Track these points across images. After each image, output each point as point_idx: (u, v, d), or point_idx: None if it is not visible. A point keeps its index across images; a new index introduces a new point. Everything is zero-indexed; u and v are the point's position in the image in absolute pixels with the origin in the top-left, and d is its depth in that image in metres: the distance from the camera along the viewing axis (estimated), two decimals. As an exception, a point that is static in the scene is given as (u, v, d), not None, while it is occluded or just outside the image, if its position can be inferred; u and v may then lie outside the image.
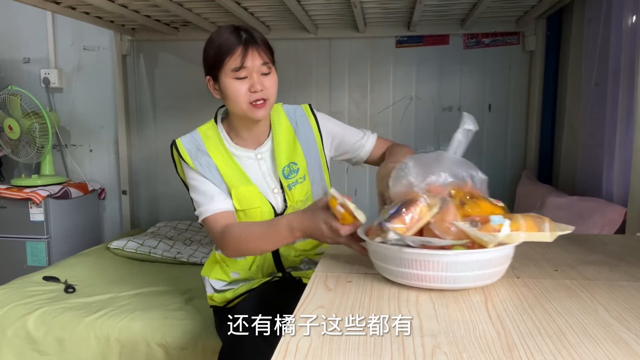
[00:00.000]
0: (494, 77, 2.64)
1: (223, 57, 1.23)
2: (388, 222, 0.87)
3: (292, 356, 0.63)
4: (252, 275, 1.42)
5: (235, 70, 1.22)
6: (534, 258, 1.04)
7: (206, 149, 1.33)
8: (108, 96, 2.90)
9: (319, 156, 1.40)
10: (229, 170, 1.32)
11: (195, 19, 2.38)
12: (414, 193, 0.90)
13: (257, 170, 1.36)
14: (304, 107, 1.44)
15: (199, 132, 1.37)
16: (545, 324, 0.72)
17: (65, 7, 2.17)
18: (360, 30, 2.60)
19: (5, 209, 2.56)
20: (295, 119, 1.40)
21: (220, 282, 1.43)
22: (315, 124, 1.41)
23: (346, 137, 1.44)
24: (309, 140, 1.39)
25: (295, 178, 1.35)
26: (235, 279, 1.42)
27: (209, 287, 1.46)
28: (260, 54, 1.24)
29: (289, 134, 1.38)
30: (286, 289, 1.35)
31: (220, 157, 1.33)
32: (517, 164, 2.67)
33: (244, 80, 1.24)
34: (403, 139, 2.74)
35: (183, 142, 1.35)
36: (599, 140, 1.94)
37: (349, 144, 1.44)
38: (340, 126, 1.46)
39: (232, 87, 1.24)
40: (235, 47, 1.22)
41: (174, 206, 2.92)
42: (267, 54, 1.26)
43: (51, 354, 1.70)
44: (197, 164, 1.32)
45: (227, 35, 1.24)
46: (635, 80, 1.61)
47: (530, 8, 2.29)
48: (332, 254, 1.13)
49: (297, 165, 1.36)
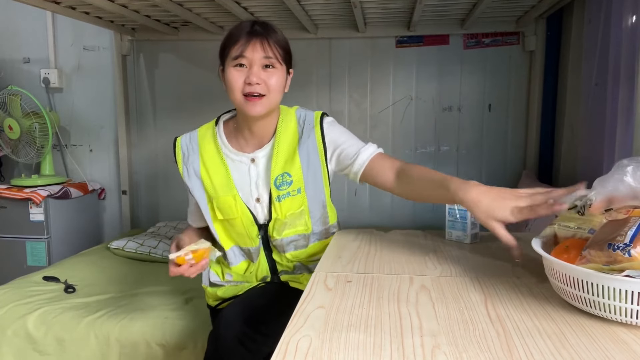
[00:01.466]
0: (494, 77, 2.64)
1: (228, 45, 1.23)
2: (634, 247, 0.66)
3: (292, 356, 0.63)
4: (244, 279, 1.42)
5: (235, 58, 1.21)
6: (534, 258, 1.04)
7: (199, 148, 1.34)
8: (108, 96, 2.90)
9: (321, 169, 1.32)
10: (214, 176, 1.31)
11: (195, 19, 2.38)
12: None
13: (246, 175, 1.31)
14: (315, 115, 1.35)
15: (197, 132, 1.38)
16: (545, 324, 0.72)
17: (65, 7, 2.17)
18: (360, 30, 2.60)
19: (5, 209, 2.56)
20: (303, 127, 1.33)
21: (217, 276, 1.44)
22: (320, 135, 1.31)
23: (348, 148, 1.30)
24: (310, 152, 1.30)
25: (287, 190, 1.29)
26: (229, 280, 1.43)
27: (205, 279, 1.47)
28: (264, 46, 1.20)
29: (292, 142, 1.31)
30: (272, 294, 1.35)
31: (210, 158, 1.32)
32: (517, 164, 2.67)
33: (243, 71, 1.22)
34: (403, 139, 2.74)
35: (182, 142, 1.37)
36: (599, 140, 1.94)
37: (349, 156, 1.30)
38: (345, 135, 1.33)
39: (229, 76, 1.23)
40: (241, 36, 1.21)
41: (174, 206, 2.93)
42: (274, 49, 1.21)
43: (51, 354, 1.70)
44: (185, 170, 1.34)
45: (240, 26, 1.24)
46: (635, 80, 1.61)
47: (530, 8, 2.29)
48: (332, 254, 1.13)
49: (292, 177, 1.29)
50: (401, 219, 2.77)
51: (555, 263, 0.77)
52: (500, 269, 1.01)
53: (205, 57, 2.79)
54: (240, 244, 1.37)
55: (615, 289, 0.68)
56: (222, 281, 1.43)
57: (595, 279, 0.70)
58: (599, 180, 0.78)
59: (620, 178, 0.73)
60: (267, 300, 1.31)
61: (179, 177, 1.38)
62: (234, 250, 1.38)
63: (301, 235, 1.36)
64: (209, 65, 2.77)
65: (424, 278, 0.95)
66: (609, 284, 0.69)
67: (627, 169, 0.73)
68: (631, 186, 0.72)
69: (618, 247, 0.68)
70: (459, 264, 1.05)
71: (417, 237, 1.30)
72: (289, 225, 1.33)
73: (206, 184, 1.31)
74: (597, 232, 0.77)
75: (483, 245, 1.21)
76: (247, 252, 1.38)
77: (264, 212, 1.32)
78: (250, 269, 1.40)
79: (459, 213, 1.24)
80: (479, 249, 1.18)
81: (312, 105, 2.76)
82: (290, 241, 1.36)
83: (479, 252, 1.15)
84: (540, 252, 0.81)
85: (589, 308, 0.73)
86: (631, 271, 0.67)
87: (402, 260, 1.08)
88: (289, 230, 1.33)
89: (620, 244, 0.68)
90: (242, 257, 1.40)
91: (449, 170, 2.72)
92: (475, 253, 1.14)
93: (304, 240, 1.37)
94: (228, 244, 1.37)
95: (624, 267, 0.67)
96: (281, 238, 1.34)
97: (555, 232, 0.87)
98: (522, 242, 0.95)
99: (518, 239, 0.92)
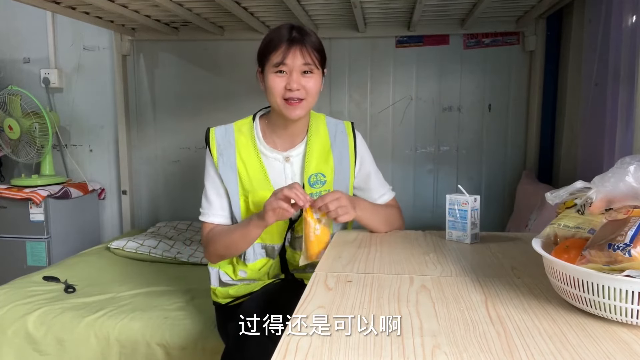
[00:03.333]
0: (494, 77, 2.64)
1: (269, 51, 1.28)
2: (634, 247, 0.65)
3: (292, 356, 0.63)
4: (258, 277, 1.43)
5: (276, 65, 1.26)
6: (534, 258, 1.04)
7: (235, 142, 1.36)
8: (108, 96, 2.90)
9: (349, 175, 1.40)
10: (250, 170, 1.34)
11: (195, 19, 2.38)
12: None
13: (281, 173, 1.37)
14: (346, 123, 1.44)
15: (233, 126, 1.41)
16: (545, 324, 0.72)
17: (65, 7, 2.16)
18: (360, 30, 2.60)
19: (5, 209, 2.56)
20: (335, 133, 1.41)
21: (228, 276, 1.45)
22: (352, 144, 1.41)
23: (372, 178, 1.46)
24: (342, 156, 1.39)
25: (320, 189, 1.35)
26: (242, 277, 1.44)
27: (214, 279, 1.47)
28: (303, 53, 1.26)
29: (324, 143, 1.39)
30: (289, 290, 1.37)
31: (247, 153, 1.36)
32: (517, 164, 2.67)
33: (283, 77, 1.27)
34: (403, 139, 2.74)
35: (216, 132, 1.39)
36: (599, 140, 1.93)
37: (370, 187, 1.45)
38: (373, 164, 1.47)
39: (271, 81, 1.28)
40: (281, 43, 1.26)
41: (174, 206, 2.92)
42: (312, 55, 1.27)
43: (51, 354, 1.69)
44: (221, 161, 1.35)
45: (279, 31, 1.28)
46: (635, 80, 1.60)
47: (530, 8, 2.29)
48: (332, 254, 1.13)
49: (325, 177, 1.36)
50: (401, 219, 2.76)
51: (555, 263, 0.77)
52: (500, 269, 1.01)
53: (205, 57, 2.79)
54: (266, 240, 1.39)
55: (616, 289, 0.68)
56: (234, 280, 1.44)
57: (595, 279, 0.70)
58: (598, 177, 0.78)
59: (621, 177, 0.72)
60: (284, 294, 1.33)
61: (179, 177, 1.38)
62: (255, 247, 1.39)
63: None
64: (209, 65, 2.77)
65: (424, 278, 0.95)
66: (609, 284, 0.69)
67: (629, 168, 0.72)
68: (632, 186, 0.71)
69: (618, 247, 0.68)
70: (459, 264, 1.05)
71: (417, 237, 1.30)
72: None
73: (243, 178, 1.34)
74: (597, 232, 0.77)
75: (483, 245, 1.21)
76: (270, 249, 1.40)
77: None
78: (265, 266, 1.42)
79: (459, 213, 1.24)
80: (479, 249, 1.18)
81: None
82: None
83: (479, 252, 1.15)
84: (541, 252, 0.81)
85: (589, 308, 0.73)
86: (631, 271, 0.66)
87: (402, 260, 1.08)
88: None
89: (620, 244, 0.68)
90: (261, 255, 1.41)
91: (449, 170, 2.73)
92: (475, 253, 1.14)
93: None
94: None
95: (624, 267, 0.67)
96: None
97: (555, 232, 0.87)
98: (522, 242, 0.95)
99: (518, 239, 0.92)
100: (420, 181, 2.76)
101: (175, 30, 2.74)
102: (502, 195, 2.70)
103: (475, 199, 1.24)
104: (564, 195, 0.82)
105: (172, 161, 2.88)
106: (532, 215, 1.92)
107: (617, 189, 0.73)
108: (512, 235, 1.32)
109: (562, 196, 0.82)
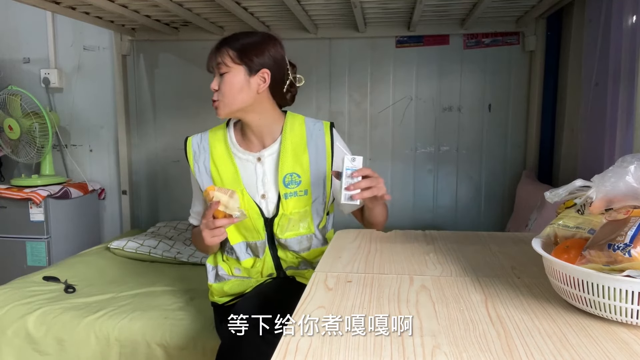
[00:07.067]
0: (494, 77, 2.64)
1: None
2: (634, 247, 0.65)
3: (292, 356, 0.63)
4: (251, 275, 1.46)
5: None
6: (534, 258, 1.04)
7: (209, 147, 1.41)
8: (108, 96, 2.90)
9: (326, 172, 1.39)
10: (223, 173, 1.38)
11: (195, 19, 2.38)
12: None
13: (253, 174, 1.39)
14: (324, 123, 1.45)
15: (209, 132, 1.45)
16: (545, 324, 0.72)
17: (65, 7, 2.17)
18: (360, 30, 2.60)
19: (5, 209, 2.56)
20: (312, 132, 1.41)
21: (225, 271, 1.47)
22: (329, 140, 1.41)
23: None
24: (319, 152, 1.39)
25: (295, 189, 1.36)
26: (237, 274, 1.46)
27: (211, 276, 1.49)
28: (216, 54, 1.32)
29: (299, 142, 1.38)
30: (283, 289, 1.39)
31: (219, 156, 1.40)
32: (517, 164, 2.67)
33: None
34: (403, 139, 2.74)
35: (193, 141, 1.44)
36: (599, 140, 1.93)
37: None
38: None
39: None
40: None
41: (174, 206, 2.92)
42: (223, 53, 1.30)
43: (51, 354, 1.69)
44: (196, 167, 1.41)
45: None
46: (635, 80, 1.60)
47: (530, 8, 2.29)
48: (332, 254, 1.13)
49: (300, 178, 1.36)
50: (401, 219, 2.76)
51: (555, 263, 0.76)
52: (500, 269, 1.01)
53: (205, 57, 2.77)
54: (247, 238, 1.41)
55: (616, 289, 0.68)
56: (230, 275, 1.46)
57: (595, 279, 0.70)
58: (598, 176, 0.77)
59: (621, 177, 0.72)
60: (278, 293, 1.35)
61: (179, 177, 1.42)
62: (241, 246, 1.42)
63: (304, 237, 1.41)
64: (209, 65, 2.77)
65: (424, 278, 0.95)
66: (609, 284, 0.68)
67: (630, 167, 0.71)
68: (632, 186, 0.71)
69: (618, 247, 0.67)
70: (459, 264, 1.05)
71: (417, 237, 1.30)
72: (292, 223, 1.38)
73: (215, 180, 1.38)
74: (597, 232, 0.77)
75: (483, 245, 1.21)
76: (254, 247, 1.41)
77: (268, 208, 1.39)
78: (256, 265, 1.43)
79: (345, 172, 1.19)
80: (479, 249, 1.18)
81: (312, 105, 2.76)
82: (294, 242, 1.41)
83: (479, 252, 1.15)
84: (540, 252, 0.81)
85: (589, 308, 0.73)
86: (631, 271, 0.66)
87: (402, 260, 1.08)
88: (290, 232, 1.39)
89: (620, 244, 0.67)
90: (249, 254, 1.44)
91: (449, 170, 2.73)
92: (475, 253, 1.14)
93: (307, 242, 1.42)
94: (236, 238, 1.42)
95: (624, 267, 0.67)
96: (285, 239, 1.39)
97: (555, 232, 0.87)
98: (522, 242, 0.95)
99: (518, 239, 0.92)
100: (420, 181, 2.76)
101: (175, 30, 2.74)
102: (502, 195, 2.70)
103: (354, 158, 1.20)
104: (563, 194, 0.81)
105: (172, 161, 2.87)
106: (532, 215, 1.92)
107: (617, 188, 0.72)
108: (512, 235, 1.32)
109: (562, 195, 0.82)
